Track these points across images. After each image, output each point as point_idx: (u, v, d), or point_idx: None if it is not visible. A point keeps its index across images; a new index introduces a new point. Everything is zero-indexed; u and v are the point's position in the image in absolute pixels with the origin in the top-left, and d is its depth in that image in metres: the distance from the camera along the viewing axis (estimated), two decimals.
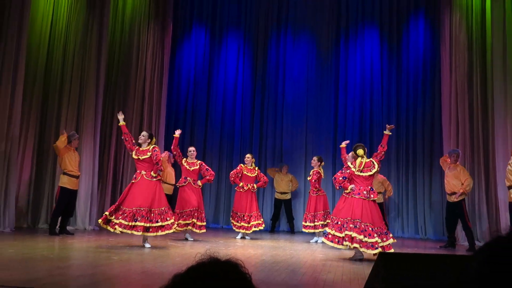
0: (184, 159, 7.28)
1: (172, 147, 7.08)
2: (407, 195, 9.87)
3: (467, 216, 7.36)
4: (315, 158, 8.10)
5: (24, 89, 7.33)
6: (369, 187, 5.66)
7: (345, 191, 5.71)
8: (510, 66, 7.41)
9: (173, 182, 8.74)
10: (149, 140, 6.09)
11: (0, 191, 6.83)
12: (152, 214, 5.73)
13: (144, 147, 6.03)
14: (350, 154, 6.08)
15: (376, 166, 5.72)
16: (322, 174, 7.96)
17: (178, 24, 11.11)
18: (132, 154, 6.03)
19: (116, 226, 5.61)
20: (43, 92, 8.08)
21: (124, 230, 5.60)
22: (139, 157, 5.95)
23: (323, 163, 8.06)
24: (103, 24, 8.67)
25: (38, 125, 7.99)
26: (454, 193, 7.41)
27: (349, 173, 5.70)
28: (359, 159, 5.72)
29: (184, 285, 0.86)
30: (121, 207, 5.74)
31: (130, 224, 5.58)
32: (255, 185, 7.99)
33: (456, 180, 7.41)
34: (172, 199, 7.85)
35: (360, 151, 5.76)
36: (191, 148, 7.46)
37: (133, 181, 5.92)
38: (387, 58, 10.43)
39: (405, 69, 10.26)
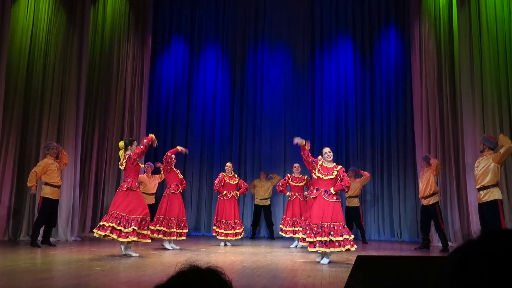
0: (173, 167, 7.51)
1: (169, 153, 7.31)
2: (382, 199, 10.12)
3: (441, 218, 7.54)
4: (298, 165, 8.28)
5: (4, 101, 7.33)
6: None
7: (312, 194, 5.86)
8: (477, 71, 7.63)
9: (154, 191, 8.86)
10: None
11: None
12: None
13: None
14: (320, 157, 6.16)
15: None
16: None
17: (158, 36, 11.19)
18: (137, 162, 6.07)
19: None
20: (24, 103, 8.06)
21: (139, 239, 5.88)
22: (140, 164, 6.23)
23: None
24: (83, 36, 8.70)
25: (19, 137, 7.96)
26: (428, 196, 7.61)
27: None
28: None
29: None
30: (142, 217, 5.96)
31: (143, 232, 5.90)
32: (237, 192, 8.15)
33: (428, 183, 7.59)
34: (154, 208, 7.90)
35: None
36: (173, 156, 7.61)
37: (135, 189, 5.99)
38: (361, 67, 10.70)
39: (378, 77, 10.55)
